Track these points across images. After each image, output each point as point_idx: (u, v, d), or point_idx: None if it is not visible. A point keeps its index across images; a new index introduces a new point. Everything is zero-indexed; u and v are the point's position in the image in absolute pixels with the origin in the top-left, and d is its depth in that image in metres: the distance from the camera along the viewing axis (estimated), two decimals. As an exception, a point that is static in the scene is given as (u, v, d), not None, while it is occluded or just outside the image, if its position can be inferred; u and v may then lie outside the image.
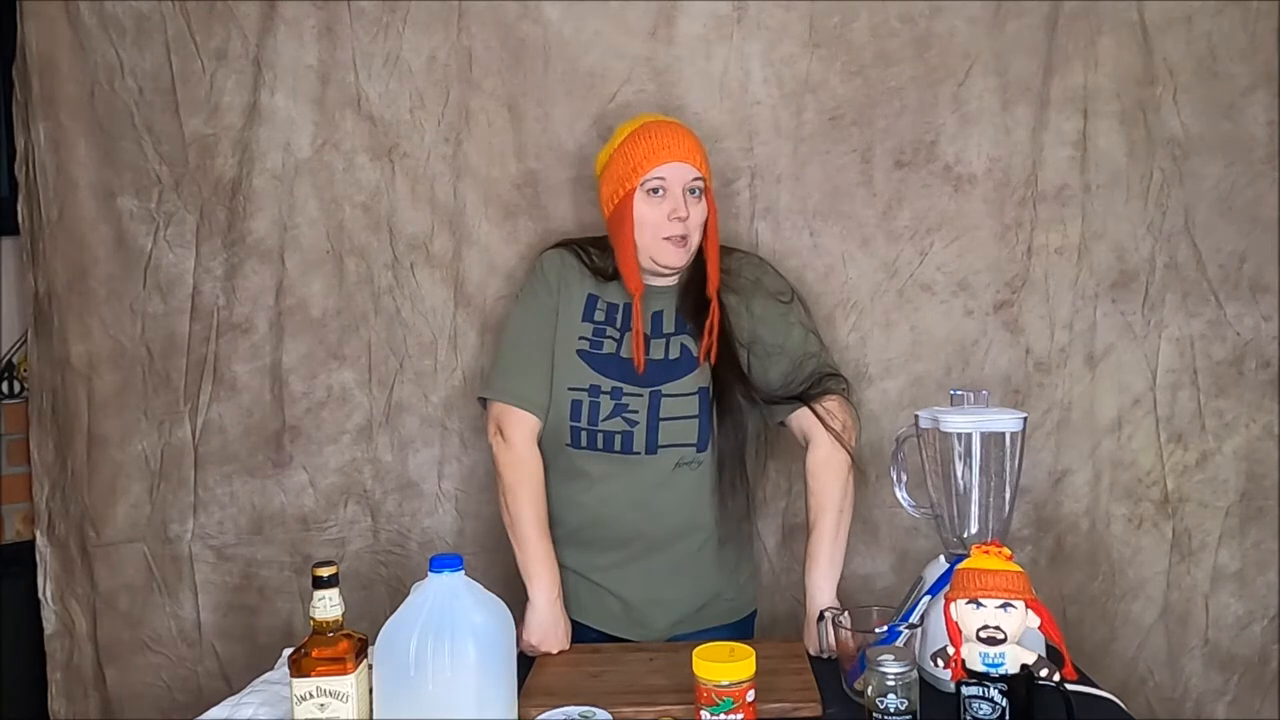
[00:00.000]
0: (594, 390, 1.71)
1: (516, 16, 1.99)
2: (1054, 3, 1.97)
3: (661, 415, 1.70)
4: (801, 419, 1.74)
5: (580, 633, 1.72)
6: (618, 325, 1.75)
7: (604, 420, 1.70)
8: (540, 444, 1.74)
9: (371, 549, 2.06)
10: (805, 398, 1.73)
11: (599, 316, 1.76)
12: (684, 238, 1.70)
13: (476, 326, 2.03)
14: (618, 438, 1.70)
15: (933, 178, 2.01)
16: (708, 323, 1.72)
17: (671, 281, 1.78)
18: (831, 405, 1.73)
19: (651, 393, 1.71)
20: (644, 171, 1.68)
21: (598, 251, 1.80)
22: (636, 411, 1.70)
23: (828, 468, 1.71)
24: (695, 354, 1.73)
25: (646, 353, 1.72)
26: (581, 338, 1.74)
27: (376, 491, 2.05)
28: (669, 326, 1.75)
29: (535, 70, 2.00)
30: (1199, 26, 1.98)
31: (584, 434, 1.71)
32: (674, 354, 1.73)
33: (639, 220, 1.69)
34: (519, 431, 1.72)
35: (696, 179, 1.71)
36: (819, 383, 1.74)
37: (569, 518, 1.75)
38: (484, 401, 1.79)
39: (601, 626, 1.75)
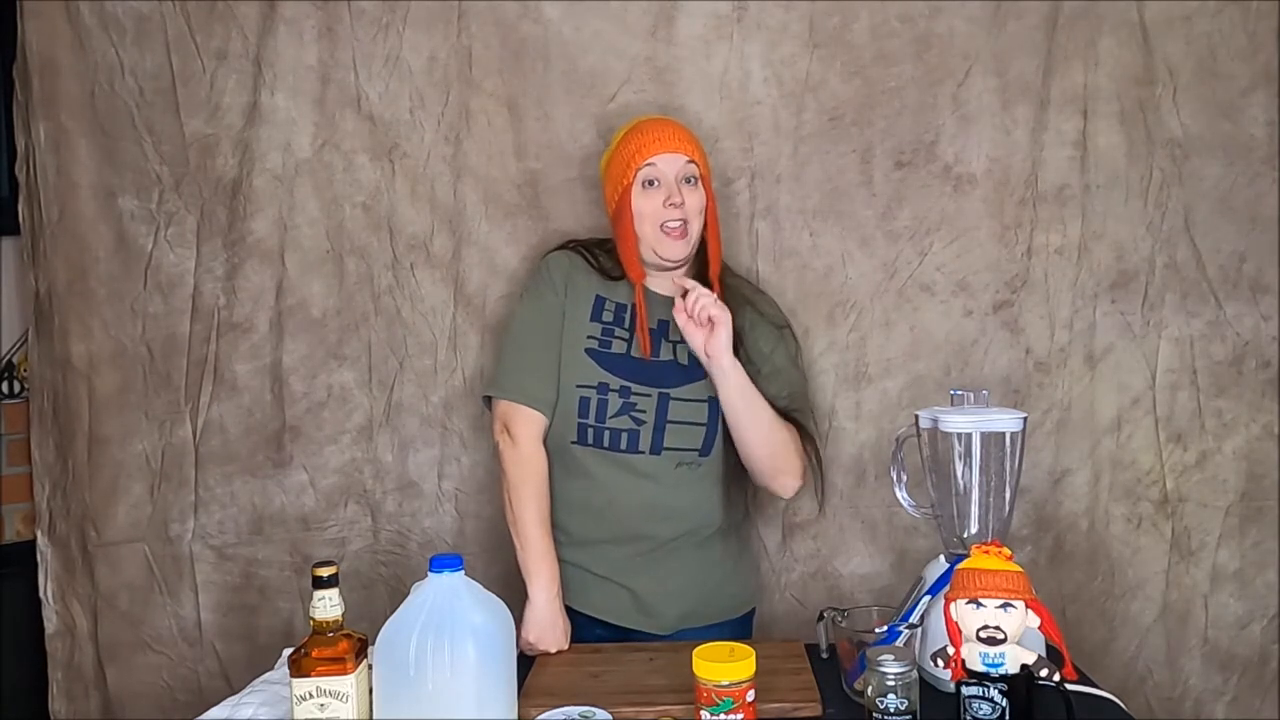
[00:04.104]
0: (603, 388, 1.72)
1: (516, 16, 1.99)
2: (1054, 3, 1.97)
3: (669, 418, 1.71)
4: None
5: (588, 626, 1.73)
6: (626, 325, 1.77)
7: (611, 418, 1.71)
8: (545, 443, 1.75)
9: (371, 549, 2.06)
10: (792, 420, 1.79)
11: (607, 317, 1.77)
12: (683, 224, 1.72)
13: (477, 326, 2.03)
14: (624, 436, 1.71)
15: (932, 178, 2.01)
16: None
17: (676, 291, 1.79)
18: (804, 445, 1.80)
19: (660, 394, 1.72)
20: (637, 164, 1.72)
21: (603, 252, 1.82)
22: (644, 411, 1.71)
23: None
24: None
25: (656, 356, 1.74)
26: (590, 337, 1.75)
27: (376, 491, 2.05)
28: (675, 334, 1.76)
29: (535, 70, 2.00)
30: (1199, 26, 1.98)
31: (590, 431, 1.71)
32: (683, 360, 1.75)
33: (637, 213, 1.72)
34: (526, 430, 1.72)
35: (690, 164, 1.74)
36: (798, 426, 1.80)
37: (574, 518, 1.75)
38: (488, 400, 1.80)
39: (610, 618, 1.75)
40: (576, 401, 1.72)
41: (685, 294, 1.69)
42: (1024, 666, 1.24)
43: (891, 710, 1.23)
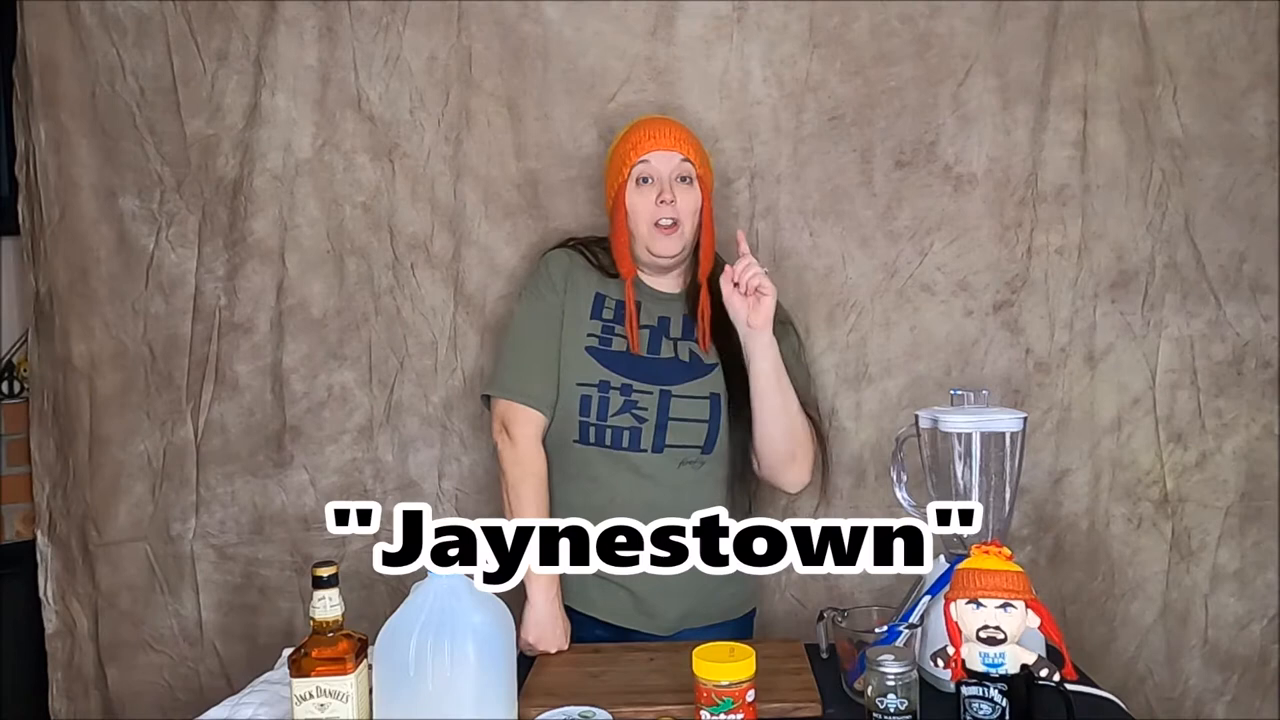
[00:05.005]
0: (604, 386, 1.72)
1: (516, 16, 1.99)
2: (1054, 3, 1.98)
3: (671, 415, 1.71)
4: None
5: (589, 627, 1.73)
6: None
7: (613, 416, 1.71)
8: (545, 442, 1.75)
9: (371, 549, 2.06)
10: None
11: (607, 314, 1.77)
12: (675, 223, 1.72)
13: (477, 326, 2.04)
14: (625, 434, 1.71)
15: (933, 178, 2.01)
16: (699, 307, 1.75)
17: (675, 288, 1.80)
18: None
19: (661, 391, 1.72)
20: (632, 160, 1.72)
21: (602, 250, 1.82)
22: (646, 409, 1.71)
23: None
24: (705, 360, 1.75)
25: (657, 353, 1.74)
26: (590, 335, 1.75)
27: (377, 491, 2.05)
28: (675, 332, 1.77)
29: (535, 70, 2.00)
30: (1199, 26, 1.98)
31: (592, 429, 1.71)
32: (684, 357, 1.75)
33: (631, 209, 1.73)
34: (525, 429, 1.73)
35: (685, 163, 1.74)
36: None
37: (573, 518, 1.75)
38: (487, 400, 1.80)
39: (611, 619, 1.75)
40: (578, 400, 1.72)
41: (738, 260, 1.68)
42: (1024, 666, 1.25)
43: (891, 710, 1.24)
